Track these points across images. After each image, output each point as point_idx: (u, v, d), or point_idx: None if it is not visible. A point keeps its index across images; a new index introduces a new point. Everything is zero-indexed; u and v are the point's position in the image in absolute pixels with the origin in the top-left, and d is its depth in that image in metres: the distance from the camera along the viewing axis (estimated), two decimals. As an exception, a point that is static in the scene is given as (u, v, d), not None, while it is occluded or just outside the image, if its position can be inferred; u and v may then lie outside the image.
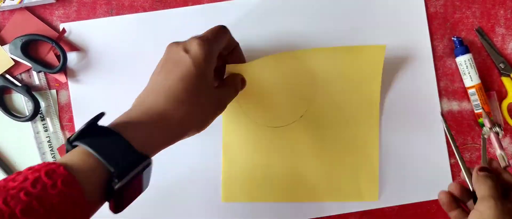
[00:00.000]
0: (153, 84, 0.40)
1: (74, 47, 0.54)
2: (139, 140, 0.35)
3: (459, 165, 0.44)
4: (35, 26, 0.54)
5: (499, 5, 0.54)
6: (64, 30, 0.54)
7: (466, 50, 0.52)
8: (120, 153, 0.33)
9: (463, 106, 0.54)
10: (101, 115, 0.36)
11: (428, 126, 0.54)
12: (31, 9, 0.54)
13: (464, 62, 0.52)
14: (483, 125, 0.53)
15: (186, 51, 0.40)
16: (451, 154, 0.54)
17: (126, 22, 0.54)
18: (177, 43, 0.41)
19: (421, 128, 0.54)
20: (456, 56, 0.53)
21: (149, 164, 0.35)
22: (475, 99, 0.53)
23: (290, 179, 0.53)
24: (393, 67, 0.53)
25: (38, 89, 0.54)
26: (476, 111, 0.53)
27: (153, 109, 0.37)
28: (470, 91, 0.53)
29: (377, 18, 0.54)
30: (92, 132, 0.34)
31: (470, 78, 0.52)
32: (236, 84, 0.46)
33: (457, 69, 0.54)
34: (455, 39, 0.53)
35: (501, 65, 0.54)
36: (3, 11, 0.54)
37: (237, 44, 0.48)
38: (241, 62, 0.48)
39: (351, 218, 0.54)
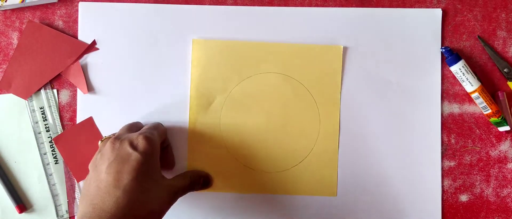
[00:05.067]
0: (104, 184, 0.42)
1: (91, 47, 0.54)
2: None
3: None
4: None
5: (501, 8, 0.55)
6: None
7: (457, 58, 0.52)
8: None
9: (464, 109, 0.54)
10: None
11: (427, 129, 0.54)
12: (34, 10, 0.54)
13: (460, 70, 0.52)
14: (496, 124, 0.53)
15: (134, 147, 0.44)
16: (443, 157, 0.54)
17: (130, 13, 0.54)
18: (118, 139, 0.45)
19: (418, 130, 0.54)
20: (449, 66, 0.53)
21: None
22: (481, 101, 0.53)
23: (249, 172, 0.54)
24: (400, 69, 0.54)
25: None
26: (485, 113, 0.53)
27: (114, 212, 0.41)
28: (473, 95, 0.53)
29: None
30: None
31: (469, 83, 0.52)
32: (194, 178, 0.50)
33: (458, 71, 0.54)
34: (443, 49, 0.53)
35: (506, 70, 0.54)
36: (5, 10, 0.54)
37: (169, 143, 0.53)
38: (171, 161, 0.53)
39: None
